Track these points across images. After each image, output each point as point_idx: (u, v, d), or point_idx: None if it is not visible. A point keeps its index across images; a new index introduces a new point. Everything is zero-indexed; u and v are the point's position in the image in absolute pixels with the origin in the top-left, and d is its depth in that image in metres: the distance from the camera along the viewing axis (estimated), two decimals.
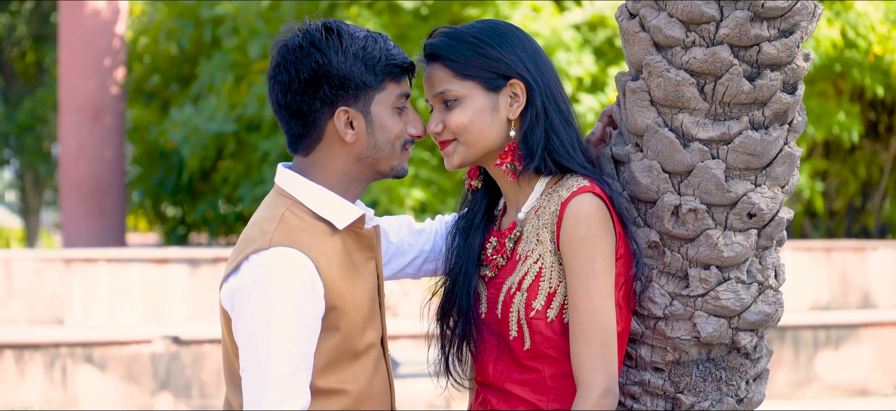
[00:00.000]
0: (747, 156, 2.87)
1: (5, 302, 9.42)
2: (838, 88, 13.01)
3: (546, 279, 2.81)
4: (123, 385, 8.88)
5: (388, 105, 2.79)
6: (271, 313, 2.64)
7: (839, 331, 10.23)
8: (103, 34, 13.16)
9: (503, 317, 2.85)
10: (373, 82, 2.76)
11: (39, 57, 21.45)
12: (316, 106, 2.76)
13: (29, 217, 23.32)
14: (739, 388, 2.99)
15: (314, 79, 2.75)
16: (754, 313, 2.94)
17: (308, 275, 2.67)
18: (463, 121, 2.84)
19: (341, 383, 2.75)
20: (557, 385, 2.84)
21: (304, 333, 2.66)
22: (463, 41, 2.85)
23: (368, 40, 2.77)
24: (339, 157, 2.80)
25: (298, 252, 2.68)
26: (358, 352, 2.77)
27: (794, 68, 2.91)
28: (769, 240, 2.96)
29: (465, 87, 2.84)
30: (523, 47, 2.87)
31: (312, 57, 2.74)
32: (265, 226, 2.74)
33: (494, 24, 2.90)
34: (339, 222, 2.77)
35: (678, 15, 2.86)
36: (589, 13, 11.41)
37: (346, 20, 10.94)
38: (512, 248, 2.88)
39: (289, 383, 2.64)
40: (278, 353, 2.64)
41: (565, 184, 2.84)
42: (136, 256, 9.85)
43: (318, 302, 2.69)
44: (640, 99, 2.91)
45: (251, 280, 2.67)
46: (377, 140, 2.79)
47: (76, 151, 13.16)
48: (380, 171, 2.83)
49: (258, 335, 2.65)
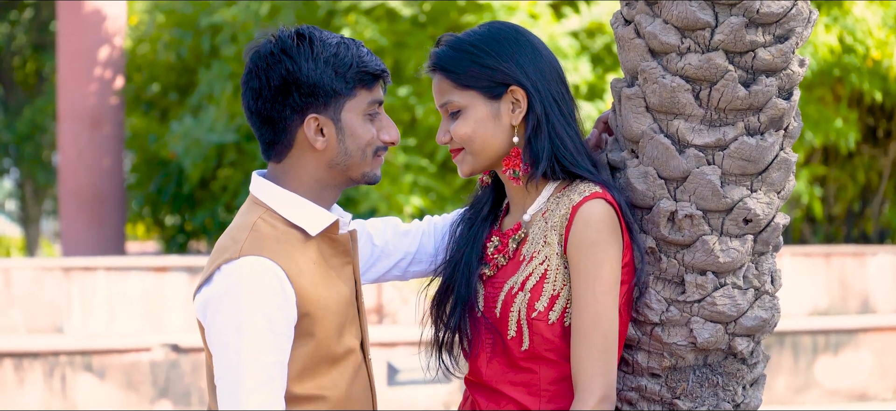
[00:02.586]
0: (743, 161, 2.88)
1: (5, 310, 9.42)
2: (836, 94, 13.02)
3: (551, 281, 2.82)
4: (123, 393, 8.88)
5: (359, 112, 2.78)
6: (242, 322, 2.65)
7: (838, 337, 10.23)
8: (102, 43, 13.17)
9: (502, 316, 2.84)
10: (343, 89, 2.75)
11: (39, 66, 21.45)
12: (286, 113, 2.76)
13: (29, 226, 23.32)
14: (736, 394, 2.99)
15: (284, 86, 2.75)
16: (751, 319, 2.94)
17: (279, 284, 2.67)
18: (467, 131, 2.86)
19: (320, 389, 2.75)
20: (552, 388, 2.84)
21: (275, 341, 2.67)
22: (462, 51, 2.86)
23: (340, 47, 2.76)
24: (310, 164, 2.79)
25: (268, 260, 2.68)
26: (336, 358, 2.77)
27: (790, 74, 2.91)
28: (765, 245, 2.96)
29: (467, 97, 2.86)
30: (523, 51, 2.86)
31: (282, 64, 2.74)
32: (237, 235, 2.74)
33: (495, 29, 2.90)
34: (312, 229, 2.77)
35: (673, 21, 2.87)
36: (586, 20, 11.41)
37: (344, 28, 10.99)
38: (514, 249, 2.89)
39: (261, 391, 2.64)
40: (250, 362, 2.64)
41: (576, 189, 2.84)
42: (135, 264, 9.85)
43: (289, 309, 2.69)
44: (636, 105, 2.92)
45: (222, 290, 2.68)
46: (348, 147, 2.78)
47: (75, 160, 13.16)
48: (352, 178, 2.82)
49: (230, 344, 2.66)
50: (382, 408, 9.24)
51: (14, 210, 25.89)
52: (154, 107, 15.04)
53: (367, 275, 3.08)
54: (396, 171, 11.05)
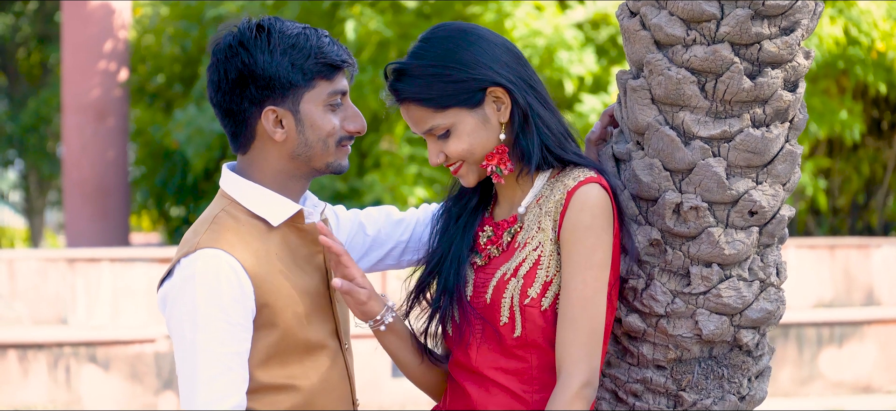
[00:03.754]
0: (748, 153, 2.87)
1: (9, 302, 9.43)
2: (841, 86, 13.00)
3: (544, 267, 2.80)
4: (127, 384, 8.89)
5: (318, 103, 2.78)
6: (197, 314, 2.67)
7: (843, 329, 10.23)
8: (107, 35, 13.18)
9: (494, 303, 2.82)
10: (300, 81, 2.75)
11: (43, 57, 21.47)
12: (244, 105, 2.77)
13: (33, 217, 23.34)
14: (741, 386, 2.99)
15: (240, 79, 2.75)
16: (756, 311, 2.94)
17: (234, 275, 2.69)
18: (463, 146, 2.83)
19: (289, 378, 2.76)
20: (542, 375, 2.82)
21: (231, 332, 2.68)
22: (428, 75, 2.80)
23: (299, 38, 2.76)
24: (271, 155, 2.80)
25: (223, 252, 2.69)
26: (307, 348, 2.78)
27: (795, 66, 2.91)
28: (771, 237, 2.96)
29: (450, 116, 2.82)
30: (481, 50, 2.82)
31: (239, 57, 2.75)
32: (198, 228, 2.77)
33: (446, 39, 2.83)
34: (274, 219, 2.78)
35: (679, 13, 2.87)
36: (591, 11, 11.40)
37: (349, 19, 10.98)
38: (509, 241, 2.87)
39: (218, 382, 2.66)
40: (206, 354, 2.66)
41: (570, 174, 2.83)
42: (139, 256, 9.85)
43: (245, 300, 2.70)
44: (641, 97, 2.92)
45: (179, 283, 2.71)
46: (308, 138, 2.78)
47: (80, 152, 13.17)
48: (315, 168, 2.82)
49: (186, 336, 2.68)
50: (387, 399, 9.25)
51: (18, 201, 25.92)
52: (158, 100, 15.05)
53: (360, 265, 3.08)
54: (401, 162, 11.06)
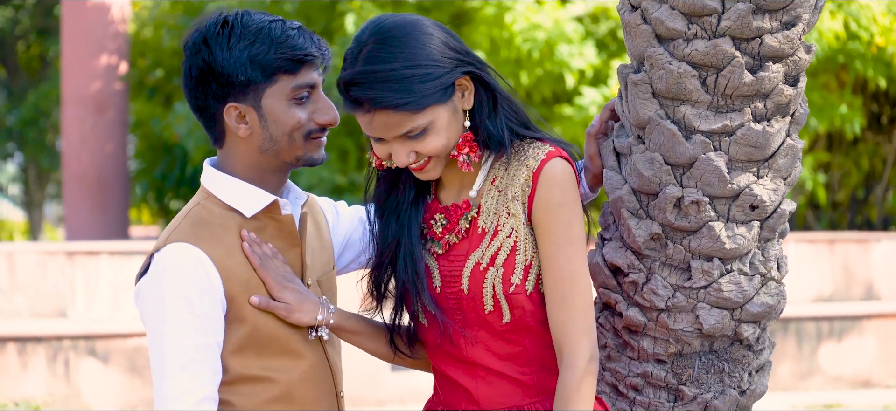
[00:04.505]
0: (749, 148, 2.87)
1: (8, 295, 9.43)
2: (841, 80, 13.01)
3: (521, 252, 2.78)
4: (126, 377, 8.89)
5: (281, 98, 2.76)
6: (165, 307, 2.69)
7: (842, 323, 10.23)
8: (106, 28, 13.17)
9: (474, 292, 2.79)
10: (260, 78, 2.74)
11: (43, 50, 21.48)
12: (209, 102, 2.78)
13: (32, 210, 23.36)
14: (742, 380, 2.99)
15: (202, 76, 2.76)
16: (757, 305, 2.94)
17: (202, 268, 2.70)
18: (441, 142, 2.76)
19: (265, 370, 2.77)
20: (539, 355, 2.82)
21: (199, 325, 2.69)
22: (402, 78, 2.71)
23: (260, 33, 2.74)
24: (241, 150, 2.81)
25: (191, 246, 2.71)
26: (282, 340, 2.79)
27: (796, 60, 2.91)
28: (771, 231, 2.96)
29: (428, 114, 2.74)
30: (434, 41, 2.75)
31: (201, 54, 2.75)
32: (173, 223, 2.80)
33: (408, 36, 2.74)
34: (247, 210, 2.79)
35: (680, 7, 2.86)
36: (591, 5, 11.40)
37: (349, 13, 10.97)
38: (468, 227, 2.83)
39: (185, 374, 2.67)
40: (173, 346, 2.68)
41: (529, 154, 2.79)
42: (138, 249, 9.86)
43: (214, 293, 2.71)
44: (642, 91, 2.91)
45: (150, 278, 2.73)
46: (272, 133, 2.78)
47: (79, 145, 13.17)
48: (286, 162, 2.82)
49: (155, 329, 2.71)
50: (387, 393, 9.26)
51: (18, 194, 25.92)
52: (158, 93, 15.05)
53: (361, 262, 3.08)
54: None
